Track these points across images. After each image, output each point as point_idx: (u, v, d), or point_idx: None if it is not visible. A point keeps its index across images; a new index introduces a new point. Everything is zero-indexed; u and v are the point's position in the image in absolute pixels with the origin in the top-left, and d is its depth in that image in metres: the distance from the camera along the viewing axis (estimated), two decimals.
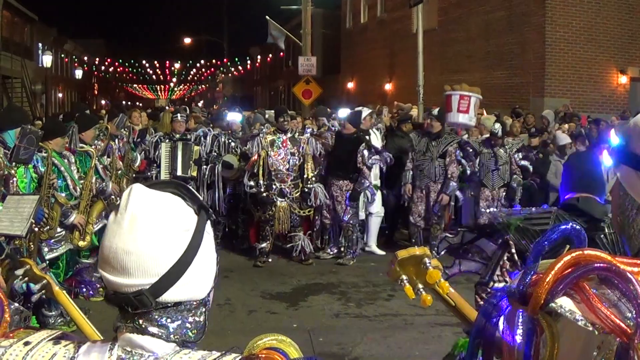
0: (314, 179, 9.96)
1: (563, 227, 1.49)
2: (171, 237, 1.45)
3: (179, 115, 11.07)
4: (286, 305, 8.40)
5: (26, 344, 1.51)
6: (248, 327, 7.48)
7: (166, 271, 1.43)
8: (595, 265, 1.33)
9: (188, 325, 1.49)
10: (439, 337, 7.21)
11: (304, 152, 9.90)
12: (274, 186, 9.78)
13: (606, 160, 9.73)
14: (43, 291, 3.01)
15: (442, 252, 3.30)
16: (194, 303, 1.50)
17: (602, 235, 3.10)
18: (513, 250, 2.90)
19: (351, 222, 10.24)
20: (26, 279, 3.11)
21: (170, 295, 1.45)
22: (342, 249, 10.39)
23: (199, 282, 1.50)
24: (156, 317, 1.46)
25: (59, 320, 7.08)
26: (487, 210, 3.27)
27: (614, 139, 9.65)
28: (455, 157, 10.20)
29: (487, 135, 10.92)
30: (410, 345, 7.03)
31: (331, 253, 10.52)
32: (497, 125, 10.35)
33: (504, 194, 10.31)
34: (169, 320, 1.47)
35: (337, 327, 7.58)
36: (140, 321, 1.46)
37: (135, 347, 1.46)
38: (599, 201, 3.35)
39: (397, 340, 7.20)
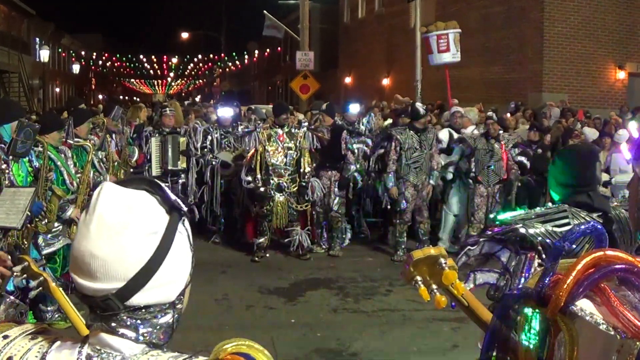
0: (310, 173, 9.95)
1: (583, 227, 1.45)
2: (138, 241, 1.41)
3: (167, 109, 11.07)
4: (284, 301, 8.37)
5: (4, 337, 1.52)
6: (246, 323, 7.45)
7: (133, 275, 1.41)
8: (616, 266, 1.29)
9: (158, 327, 1.47)
10: (437, 332, 7.20)
11: (301, 147, 9.87)
12: (271, 181, 9.75)
13: (625, 154, 9.67)
14: (40, 288, 2.98)
15: (460, 265, 3.23)
16: (165, 305, 1.48)
17: (614, 227, 3.07)
18: (544, 256, 2.88)
19: (339, 212, 10.34)
20: (24, 275, 3.09)
21: (138, 299, 1.43)
22: (332, 240, 10.46)
23: (168, 285, 1.47)
24: (125, 318, 1.44)
25: (57, 316, 7.05)
26: (500, 217, 3.22)
27: (634, 133, 9.59)
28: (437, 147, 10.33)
29: (473, 129, 10.82)
30: (408, 340, 7.01)
31: (324, 247, 10.53)
32: (490, 113, 10.31)
33: (499, 191, 10.22)
34: (138, 321, 1.45)
35: (335, 323, 7.56)
36: (109, 322, 1.44)
37: (105, 347, 1.45)
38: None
39: (395, 335, 7.18)
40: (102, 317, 1.44)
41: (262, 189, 9.73)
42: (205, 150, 10.67)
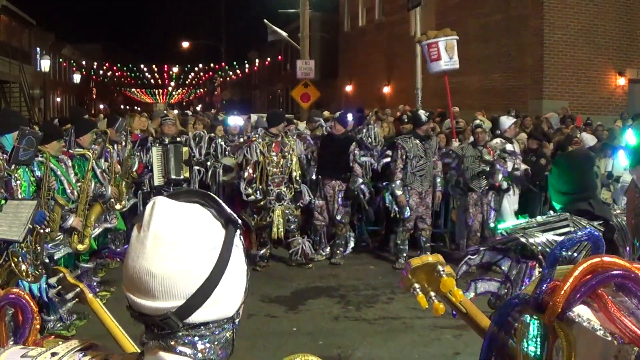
0: (300, 179, 10.01)
1: (580, 233, 1.46)
2: (198, 257, 1.38)
3: (168, 119, 11.06)
4: (285, 309, 8.37)
5: (53, 354, 1.49)
6: (248, 331, 7.44)
7: (193, 293, 1.38)
8: (613, 272, 1.29)
9: (216, 342, 1.44)
10: (439, 339, 7.19)
11: (292, 154, 9.89)
12: (271, 191, 9.75)
13: (622, 160, 9.65)
14: (76, 299, 2.99)
15: (461, 274, 3.25)
16: (224, 321, 1.45)
17: (616, 236, 3.08)
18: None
19: (343, 221, 10.37)
20: (59, 287, 3.09)
21: (198, 317, 1.40)
22: (335, 248, 10.48)
23: (228, 300, 1.44)
24: (183, 336, 1.41)
25: (58, 325, 7.06)
26: (502, 226, 3.26)
27: (631, 139, 9.61)
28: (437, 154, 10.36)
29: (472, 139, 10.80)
30: (410, 348, 7.01)
31: (324, 254, 10.55)
32: (478, 121, 10.27)
33: (492, 198, 10.18)
34: (196, 338, 1.42)
35: (337, 331, 7.56)
36: (167, 340, 1.41)
37: None
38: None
39: (397, 343, 7.18)
40: (160, 336, 1.41)
41: (262, 202, 9.73)
42: (209, 156, 10.71)
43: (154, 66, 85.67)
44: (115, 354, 1.53)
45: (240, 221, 1.48)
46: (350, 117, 11.47)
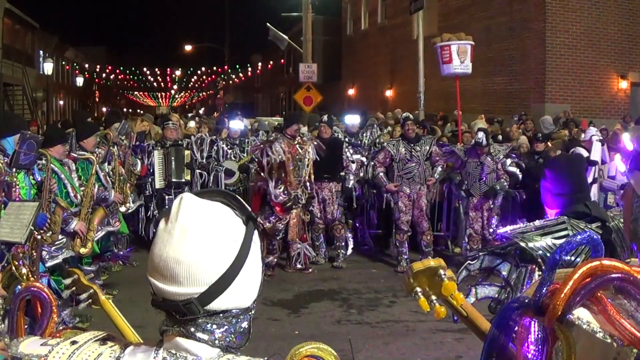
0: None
1: (579, 237, 1.47)
2: (221, 248, 1.49)
3: (170, 123, 11.12)
4: (288, 312, 8.38)
5: (73, 343, 1.57)
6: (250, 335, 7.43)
7: (215, 280, 1.48)
8: (612, 275, 1.30)
9: (233, 331, 1.53)
10: (441, 343, 7.20)
11: (308, 157, 9.83)
12: (292, 193, 9.63)
13: (619, 165, 9.65)
14: (89, 300, 3.04)
15: (461, 280, 3.27)
16: (240, 310, 1.55)
17: (613, 237, 3.09)
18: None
19: (343, 220, 10.47)
20: (74, 288, 3.15)
21: (218, 304, 1.49)
22: (335, 250, 10.51)
23: (245, 290, 1.54)
24: (203, 323, 1.50)
25: (60, 328, 7.05)
26: (500, 230, 3.29)
27: (628, 144, 9.58)
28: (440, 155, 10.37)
29: (472, 143, 10.78)
30: (412, 352, 7.01)
31: (325, 257, 10.58)
32: (481, 134, 10.11)
33: (493, 203, 10.16)
34: (215, 326, 1.51)
35: (339, 334, 7.55)
36: (187, 327, 1.50)
37: (181, 351, 1.51)
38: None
39: (399, 346, 7.18)
40: (181, 322, 1.50)
41: (289, 203, 9.65)
42: (211, 159, 10.73)
43: (156, 69, 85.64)
44: (135, 342, 1.61)
45: (259, 220, 1.57)
46: (357, 119, 11.60)
